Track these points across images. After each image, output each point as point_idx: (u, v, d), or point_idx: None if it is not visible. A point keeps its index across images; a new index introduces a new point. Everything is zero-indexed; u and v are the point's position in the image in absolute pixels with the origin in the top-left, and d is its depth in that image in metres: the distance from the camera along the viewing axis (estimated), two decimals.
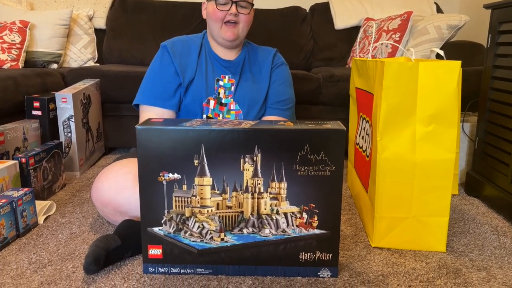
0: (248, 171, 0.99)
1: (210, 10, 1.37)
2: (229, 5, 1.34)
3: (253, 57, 1.49)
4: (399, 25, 2.27)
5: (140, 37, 2.63)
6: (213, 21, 1.37)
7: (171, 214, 1.02)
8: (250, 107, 1.42)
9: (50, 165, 1.58)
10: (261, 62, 1.48)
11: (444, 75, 1.11)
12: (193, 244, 1.03)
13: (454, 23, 2.18)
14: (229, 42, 1.38)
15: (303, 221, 1.02)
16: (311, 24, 2.70)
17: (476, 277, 1.05)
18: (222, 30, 1.36)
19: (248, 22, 1.39)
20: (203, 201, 1.01)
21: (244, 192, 1.00)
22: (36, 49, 2.35)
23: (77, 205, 1.50)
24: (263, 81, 1.47)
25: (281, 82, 1.49)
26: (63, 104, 1.76)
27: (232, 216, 1.03)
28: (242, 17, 1.36)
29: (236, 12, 1.33)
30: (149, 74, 1.42)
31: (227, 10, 1.33)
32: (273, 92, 1.47)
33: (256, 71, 1.47)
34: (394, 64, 1.12)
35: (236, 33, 1.36)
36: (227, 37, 1.36)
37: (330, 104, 2.08)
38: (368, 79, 1.35)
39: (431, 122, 1.13)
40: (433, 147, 1.14)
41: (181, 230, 1.03)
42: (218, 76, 1.42)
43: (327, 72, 2.10)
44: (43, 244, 1.21)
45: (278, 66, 1.50)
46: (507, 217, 1.41)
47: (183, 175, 0.99)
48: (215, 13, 1.35)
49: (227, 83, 1.42)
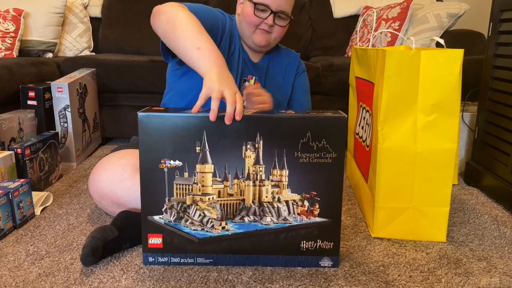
0: (250, 158, 0.98)
1: (246, 12, 1.28)
2: (267, 14, 1.26)
3: (277, 59, 1.43)
4: (398, 14, 2.25)
5: (137, 25, 2.59)
6: (247, 23, 1.29)
7: (172, 202, 1.00)
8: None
9: (46, 156, 1.56)
10: (286, 65, 1.44)
11: (447, 63, 1.09)
12: (194, 233, 1.02)
13: (454, 12, 2.16)
14: (258, 48, 1.32)
15: (304, 209, 1.01)
16: (310, 13, 2.66)
17: (476, 267, 1.05)
18: (255, 34, 1.29)
19: (281, 34, 1.32)
20: (204, 189, 1.00)
21: (245, 180, 0.99)
22: (31, 38, 2.32)
23: (74, 196, 1.49)
24: (286, 85, 1.44)
25: (304, 91, 1.48)
26: (59, 94, 1.73)
27: (234, 204, 1.02)
28: (277, 28, 1.29)
29: (273, 24, 1.27)
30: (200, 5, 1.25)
31: (264, 18, 1.26)
32: (295, 101, 1.47)
33: (280, 74, 1.43)
34: (396, 53, 1.10)
35: (268, 40, 1.30)
36: (258, 42, 1.29)
37: (329, 94, 2.06)
38: (368, 68, 1.33)
39: (433, 111, 1.12)
40: (434, 137, 1.13)
41: (181, 218, 1.01)
42: (245, 76, 1.37)
43: (326, 61, 2.08)
44: (40, 235, 1.19)
45: (301, 74, 1.48)
46: (507, 207, 1.41)
47: (185, 162, 0.98)
48: (250, 17, 1.27)
49: (253, 84, 1.37)
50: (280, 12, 1.27)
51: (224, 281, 0.97)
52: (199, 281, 0.97)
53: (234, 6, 1.50)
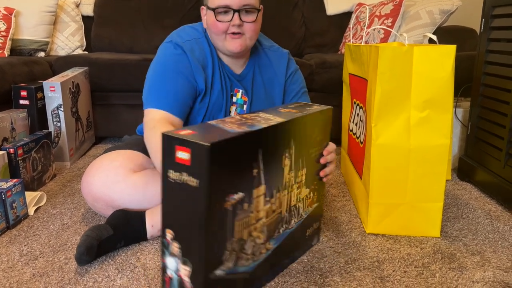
0: (286, 167, 0.90)
1: (210, 22, 1.16)
2: (231, 15, 1.12)
3: (263, 63, 1.30)
4: (391, 10, 2.25)
5: (130, 23, 2.57)
6: (214, 33, 1.17)
7: (233, 245, 0.80)
8: None
9: (39, 156, 1.55)
10: (275, 68, 1.31)
11: (439, 59, 1.10)
12: (246, 269, 0.86)
13: (446, 8, 2.17)
14: (236, 54, 1.20)
15: (310, 200, 1.04)
16: (303, 10, 2.66)
17: (470, 262, 1.06)
18: (227, 42, 1.16)
19: (255, 30, 1.18)
20: (257, 214, 0.84)
21: (283, 190, 0.91)
22: (22, 37, 2.29)
23: (68, 195, 1.48)
24: (277, 92, 1.32)
25: (300, 94, 1.35)
26: (51, 93, 1.72)
27: (275, 220, 0.91)
28: (248, 26, 1.15)
29: (240, 22, 1.13)
30: (161, 73, 1.19)
31: (229, 21, 1.13)
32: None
33: (269, 79, 1.31)
34: (389, 49, 1.11)
35: (243, 43, 1.16)
36: (233, 49, 1.16)
37: (322, 91, 2.06)
38: (362, 64, 1.34)
39: (426, 107, 1.13)
40: (427, 132, 1.14)
41: (240, 259, 0.83)
42: (232, 90, 1.27)
43: (320, 58, 2.08)
44: (34, 235, 1.19)
45: (293, 75, 1.34)
46: (499, 202, 1.42)
47: (244, 191, 0.79)
48: (215, 25, 1.15)
49: (240, 99, 1.28)
50: (244, 7, 1.13)
51: None
52: None
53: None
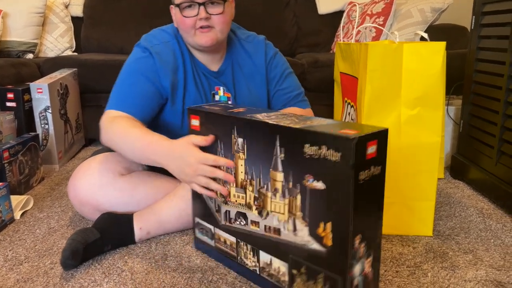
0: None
1: (177, 18, 1.15)
2: (196, 8, 1.10)
3: (241, 56, 1.27)
4: (382, 9, 2.24)
5: (120, 24, 2.55)
6: (183, 30, 1.15)
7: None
8: None
9: (26, 159, 1.52)
10: (254, 60, 1.27)
11: (429, 56, 1.09)
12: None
13: (438, 6, 2.16)
14: (208, 48, 1.17)
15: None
16: (294, 10, 2.65)
17: (462, 260, 1.04)
18: (197, 37, 1.13)
19: (225, 22, 1.15)
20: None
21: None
22: (10, 38, 2.26)
23: (55, 199, 1.45)
24: (260, 84, 1.28)
25: (284, 76, 1.30)
26: (39, 95, 1.69)
27: None
28: (216, 19, 1.12)
29: (207, 15, 1.10)
30: (125, 76, 1.19)
31: (196, 15, 1.11)
32: (280, 92, 1.30)
33: (249, 72, 1.28)
34: (378, 46, 1.09)
35: (213, 37, 1.13)
36: (204, 43, 1.13)
37: (315, 90, 2.05)
38: (352, 63, 1.32)
39: (416, 105, 1.11)
40: (418, 130, 1.12)
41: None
42: (212, 89, 1.25)
43: (311, 57, 2.07)
44: (19, 240, 1.16)
45: (272, 60, 1.29)
46: (492, 200, 1.41)
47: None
48: (182, 21, 1.13)
49: (222, 96, 1.25)
50: (207, 0, 1.10)
51: (208, 282, 0.95)
52: (183, 283, 0.95)
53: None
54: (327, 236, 0.75)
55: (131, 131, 1.07)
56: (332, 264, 0.75)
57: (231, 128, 0.90)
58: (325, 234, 0.75)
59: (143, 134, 1.06)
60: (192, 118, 0.99)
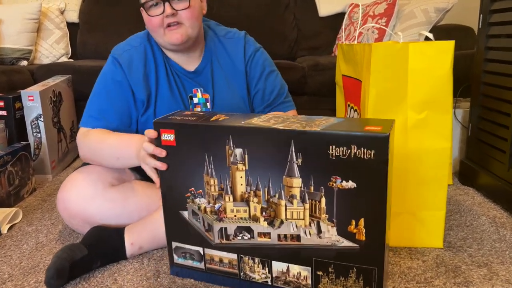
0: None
1: (145, 19, 1.10)
2: (161, 6, 1.04)
3: (220, 54, 1.20)
4: (385, 10, 2.18)
5: (116, 30, 2.49)
6: (152, 30, 1.10)
7: None
8: None
9: (16, 169, 1.46)
10: (232, 57, 1.20)
11: (437, 56, 1.02)
12: None
13: (442, 6, 2.09)
14: (180, 46, 1.11)
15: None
16: (294, 12, 2.59)
17: (477, 275, 0.97)
18: (166, 36, 1.08)
19: (194, 17, 1.08)
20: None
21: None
22: (4, 45, 2.21)
23: (46, 211, 1.39)
24: (241, 84, 1.21)
25: (265, 75, 1.22)
26: (30, 103, 1.63)
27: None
28: (184, 14, 1.06)
29: (173, 11, 1.04)
30: (96, 92, 1.19)
31: (161, 13, 1.05)
32: (260, 92, 1.22)
33: (229, 71, 1.21)
34: (383, 47, 1.03)
35: (183, 33, 1.07)
36: (175, 41, 1.07)
37: (316, 94, 1.99)
38: (355, 65, 1.26)
39: (424, 108, 1.04)
40: (426, 135, 1.05)
41: None
42: (189, 92, 1.19)
43: (312, 60, 2.00)
44: (4, 256, 1.10)
45: (252, 58, 1.21)
46: (504, 207, 1.34)
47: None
48: (149, 21, 1.08)
49: (201, 98, 1.19)
50: None
51: None
52: None
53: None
54: (360, 231, 0.78)
55: (106, 138, 1.09)
56: (367, 257, 0.78)
57: (226, 139, 0.83)
58: (357, 230, 0.78)
59: (118, 138, 1.08)
60: (163, 133, 0.87)
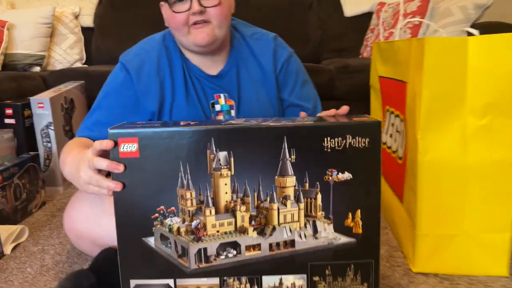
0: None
1: (167, 16, 0.98)
2: (188, 2, 0.93)
3: (247, 56, 1.08)
4: (418, 7, 2.03)
5: (132, 34, 2.37)
6: (175, 28, 0.98)
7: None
8: None
9: (24, 182, 1.36)
10: (261, 61, 1.08)
11: (502, 51, 0.87)
12: None
13: (482, 2, 1.93)
14: (206, 48, 0.98)
15: None
16: (318, 12, 2.46)
17: None
18: (191, 35, 0.96)
19: (223, 15, 0.96)
20: None
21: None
22: (16, 51, 2.14)
23: (55, 227, 1.27)
24: (269, 88, 1.08)
25: (299, 84, 1.10)
26: (40, 110, 1.53)
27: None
28: (212, 11, 0.94)
29: (201, 8, 0.93)
30: (99, 101, 1.09)
31: (187, 10, 0.93)
32: (293, 106, 1.10)
33: (258, 76, 1.08)
34: (437, 41, 0.88)
35: (211, 33, 0.96)
36: (201, 41, 0.96)
37: (345, 99, 1.84)
38: (398, 64, 1.11)
39: (487, 113, 0.89)
40: (489, 144, 0.90)
41: None
42: (211, 98, 1.05)
43: (340, 62, 1.86)
44: (5, 282, 0.98)
45: (284, 65, 1.08)
46: None
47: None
48: (173, 18, 0.96)
49: (224, 104, 1.05)
50: None
51: None
52: None
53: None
54: (357, 224, 0.76)
55: (72, 150, 0.94)
56: (364, 250, 0.76)
57: (207, 142, 0.73)
58: (354, 223, 0.76)
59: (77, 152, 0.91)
60: (122, 143, 0.75)
